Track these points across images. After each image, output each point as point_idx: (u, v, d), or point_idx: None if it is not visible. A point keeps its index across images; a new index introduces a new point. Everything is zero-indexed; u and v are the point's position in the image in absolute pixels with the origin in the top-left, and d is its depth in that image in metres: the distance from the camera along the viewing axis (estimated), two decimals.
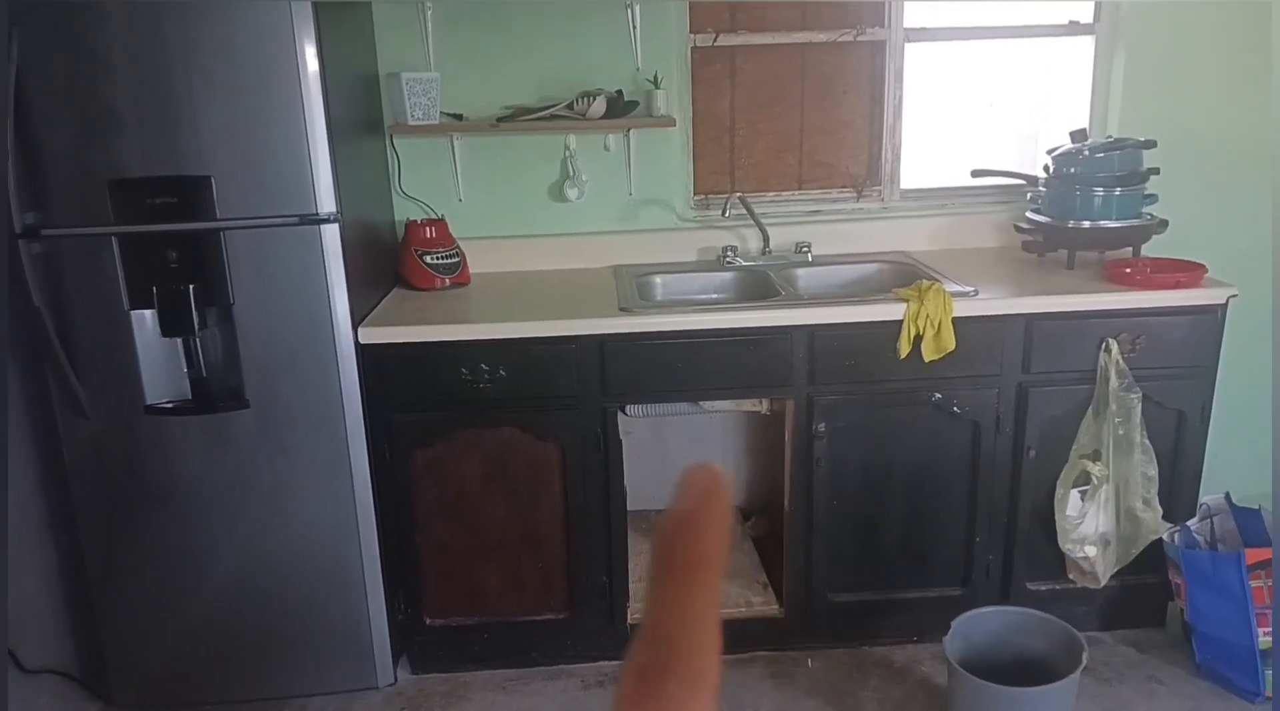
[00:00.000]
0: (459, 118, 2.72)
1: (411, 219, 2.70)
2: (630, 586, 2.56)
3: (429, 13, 2.64)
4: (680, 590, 0.50)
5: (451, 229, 2.72)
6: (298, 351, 2.23)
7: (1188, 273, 2.41)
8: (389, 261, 2.69)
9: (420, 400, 2.35)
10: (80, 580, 2.36)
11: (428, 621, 2.52)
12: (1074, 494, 2.42)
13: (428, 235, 2.66)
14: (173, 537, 2.31)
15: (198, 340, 2.23)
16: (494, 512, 2.45)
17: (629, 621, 2.55)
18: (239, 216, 2.14)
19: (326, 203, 2.16)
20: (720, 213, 2.76)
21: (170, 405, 2.25)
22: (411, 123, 2.64)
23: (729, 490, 0.52)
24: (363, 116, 2.55)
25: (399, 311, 2.47)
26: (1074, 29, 2.85)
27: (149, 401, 2.23)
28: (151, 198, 2.12)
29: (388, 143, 2.75)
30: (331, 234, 2.18)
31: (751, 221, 2.80)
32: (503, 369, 2.33)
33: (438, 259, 2.64)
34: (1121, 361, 2.35)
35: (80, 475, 2.28)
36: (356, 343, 2.26)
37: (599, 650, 2.58)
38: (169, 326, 2.19)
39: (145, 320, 2.20)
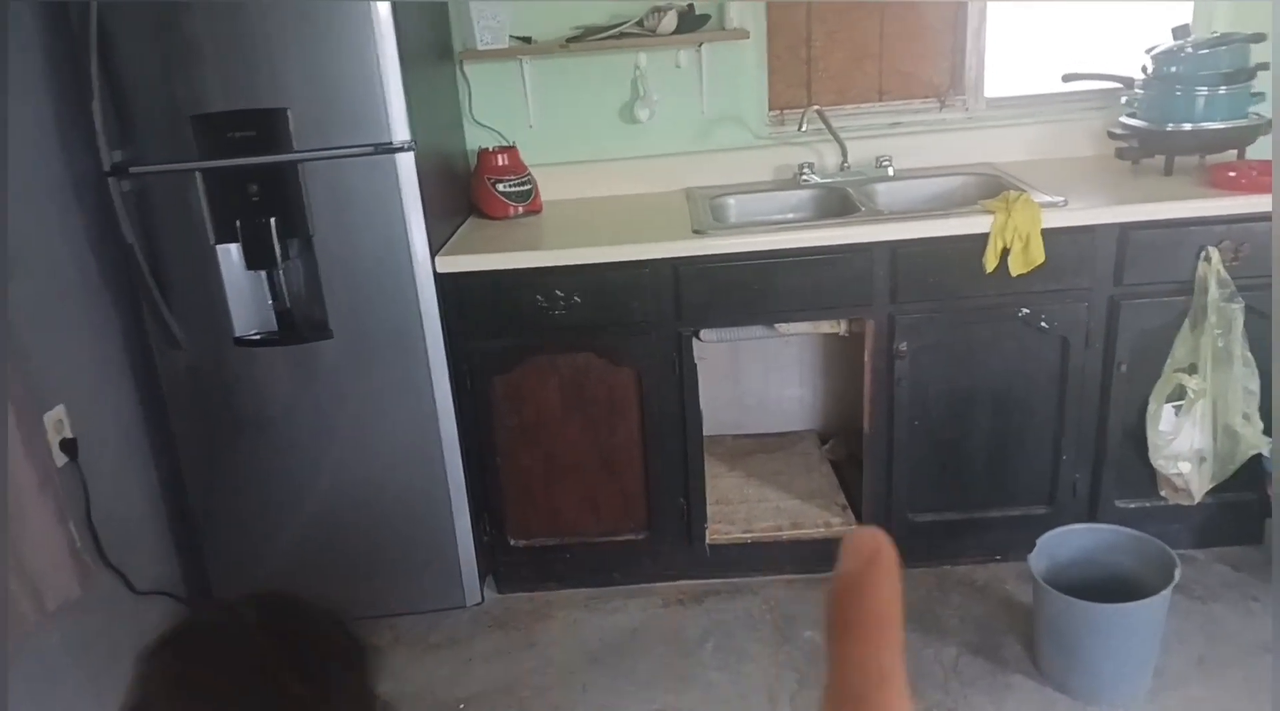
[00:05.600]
0: (528, 40, 2.69)
1: (483, 147, 2.69)
2: (708, 509, 2.59)
3: None
4: (863, 649, 0.52)
5: (523, 155, 2.71)
6: (378, 281, 2.26)
7: None
8: (463, 190, 2.70)
9: (498, 327, 2.38)
10: (183, 505, 2.48)
11: (512, 542, 2.59)
12: (1168, 409, 2.34)
13: (500, 163, 2.65)
14: (267, 463, 2.40)
15: (281, 272, 2.29)
16: (573, 437, 2.49)
17: (707, 542, 2.58)
18: (315, 147, 2.16)
19: (400, 131, 2.17)
20: (796, 128, 2.69)
21: (258, 336, 2.32)
22: (481, 47, 2.62)
23: (893, 553, 0.54)
24: (433, 43, 2.54)
25: (474, 240, 2.48)
26: None
27: (237, 333, 2.30)
28: (231, 131, 2.15)
29: (458, 69, 2.74)
30: (406, 163, 2.19)
31: (829, 136, 2.72)
32: (577, 295, 2.33)
33: (510, 187, 2.64)
34: (1223, 270, 2.24)
35: (177, 404, 2.38)
36: (434, 271, 2.28)
37: (678, 570, 2.62)
38: (253, 259, 2.24)
39: (230, 254, 2.26)
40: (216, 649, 0.82)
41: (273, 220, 2.20)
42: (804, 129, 2.67)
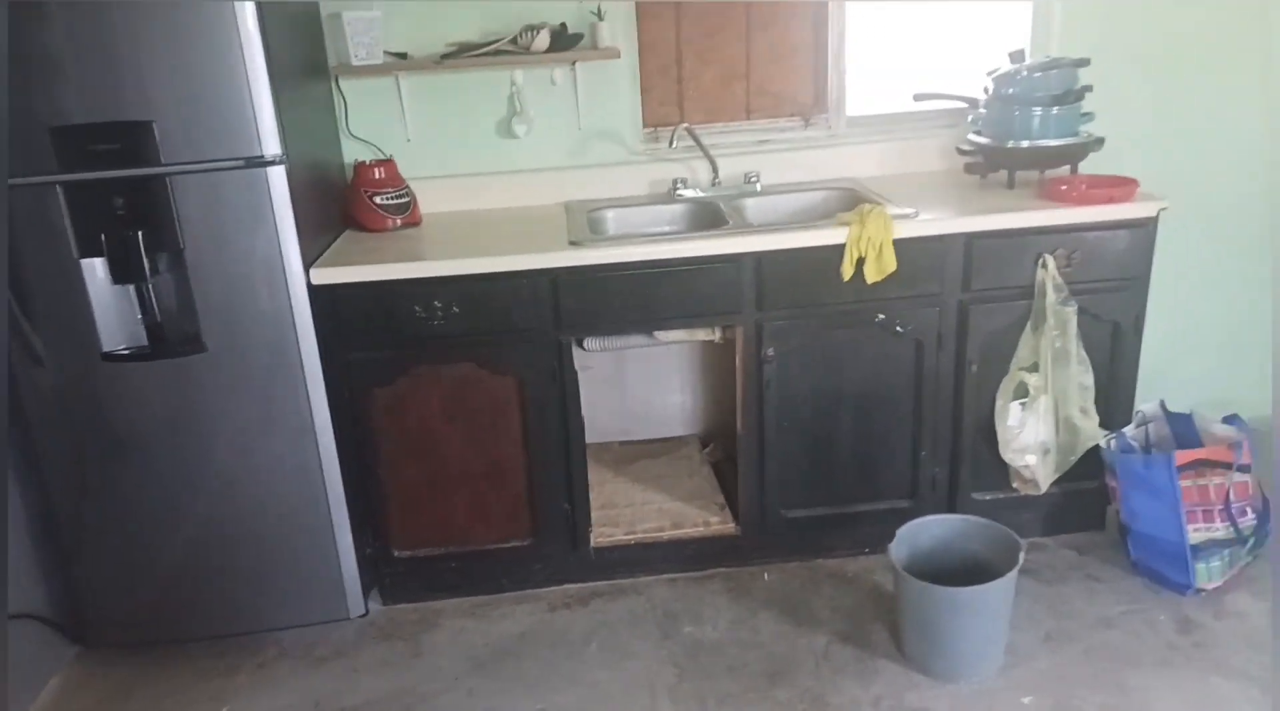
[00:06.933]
0: (403, 56, 2.72)
1: (360, 160, 2.71)
2: (593, 513, 2.65)
3: None
4: None
5: (401, 169, 2.73)
6: (251, 294, 2.25)
7: (1121, 188, 2.48)
8: (339, 204, 2.70)
9: (376, 339, 2.39)
10: (52, 526, 2.40)
11: (396, 553, 2.59)
12: (1014, 405, 2.51)
13: (377, 176, 2.67)
14: (140, 481, 2.35)
15: (150, 286, 2.24)
16: (456, 446, 2.51)
17: (592, 546, 2.64)
18: (183, 161, 2.14)
19: (271, 145, 2.17)
20: (669, 144, 2.78)
21: (127, 351, 2.27)
22: (355, 63, 2.63)
23: None
24: (306, 58, 2.54)
25: (351, 252, 2.49)
26: None
27: (105, 349, 2.25)
28: (94, 144, 2.11)
29: (334, 84, 2.74)
30: (278, 176, 2.19)
31: (701, 152, 2.83)
32: (456, 305, 2.36)
33: (388, 199, 2.66)
34: (1058, 276, 2.43)
35: (43, 424, 2.31)
36: (309, 284, 2.28)
37: (564, 574, 2.67)
38: (119, 274, 2.20)
39: (96, 268, 2.21)
40: None
41: (140, 234, 2.17)
42: (675, 146, 2.77)
